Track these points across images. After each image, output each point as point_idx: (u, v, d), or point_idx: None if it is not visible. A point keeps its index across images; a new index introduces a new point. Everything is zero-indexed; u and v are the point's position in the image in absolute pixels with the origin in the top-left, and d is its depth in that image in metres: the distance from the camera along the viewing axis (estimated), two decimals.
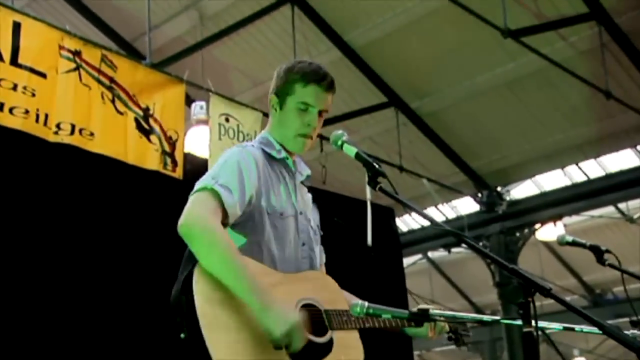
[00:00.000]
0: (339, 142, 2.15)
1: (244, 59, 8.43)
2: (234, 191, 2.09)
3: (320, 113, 2.32)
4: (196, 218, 2.00)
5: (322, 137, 7.03)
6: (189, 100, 6.93)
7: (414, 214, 10.65)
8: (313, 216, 2.40)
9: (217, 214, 2.05)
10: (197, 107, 6.87)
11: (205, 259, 1.98)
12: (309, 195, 2.41)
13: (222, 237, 2.00)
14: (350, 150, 2.13)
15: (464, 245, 2.07)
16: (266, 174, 2.22)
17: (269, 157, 2.28)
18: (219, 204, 2.05)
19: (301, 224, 2.30)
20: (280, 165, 2.30)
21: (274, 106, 2.31)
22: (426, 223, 10.51)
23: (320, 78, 2.28)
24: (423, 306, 2.01)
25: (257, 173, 2.19)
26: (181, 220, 2.00)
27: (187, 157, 5.74)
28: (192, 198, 2.06)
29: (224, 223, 2.09)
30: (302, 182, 2.38)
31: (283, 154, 2.30)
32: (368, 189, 1.96)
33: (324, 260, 2.45)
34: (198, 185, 2.10)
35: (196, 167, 5.81)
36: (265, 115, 6.33)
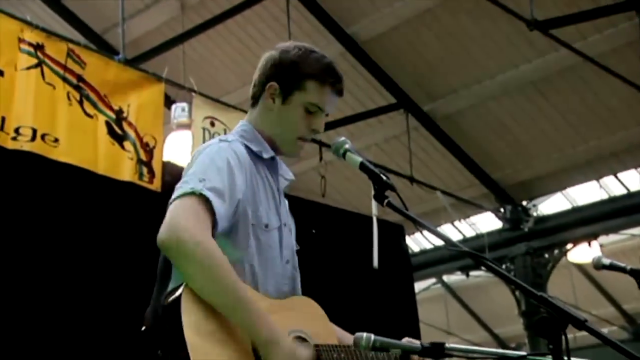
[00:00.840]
0: (342, 151, 2.16)
1: (232, 54, 8.46)
2: (224, 198, 2.04)
3: None
4: (184, 231, 1.93)
5: (321, 144, 7.05)
6: (168, 102, 6.97)
7: (426, 232, 10.56)
8: (292, 227, 2.38)
9: (208, 225, 1.98)
10: (178, 110, 6.90)
11: (198, 282, 1.93)
12: (286, 202, 2.38)
13: (219, 256, 1.95)
14: (354, 160, 2.13)
15: (484, 268, 2.06)
16: (252, 177, 2.19)
17: (254, 156, 2.24)
18: (209, 213, 1.99)
19: (285, 237, 2.27)
20: (265, 166, 2.27)
21: (272, 96, 2.26)
22: (441, 243, 10.31)
23: (337, 79, 2.28)
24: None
25: (244, 175, 2.15)
26: (164, 233, 1.94)
27: (166, 166, 5.76)
28: (176, 204, 1.99)
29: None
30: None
31: (270, 154, 2.27)
32: (374, 203, 1.99)
33: None
34: (182, 188, 2.02)
35: (176, 178, 5.79)
36: None
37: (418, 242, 11.47)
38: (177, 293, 1.95)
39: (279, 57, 2.27)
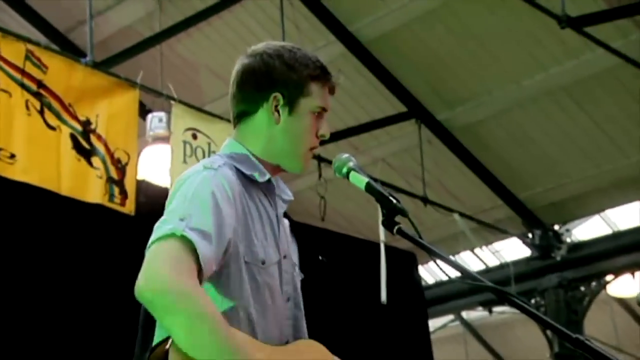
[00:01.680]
0: (345, 170, 2.20)
1: (217, 56, 8.47)
2: (211, 239, 2.03)
3: None
4: (165, 281, 1.92)
5: (319, 159, 7.05)
6: (143, 111, 6.99)
7: (442, 262, 10.48)
8: (293, 254, 2.40)
9: (194, 272, 1.97)
10: (155, 120, 6.92)
11: (185, 338, 1.92)
12: (286, 222, 2.40)
13: (207, 307, 1.94)
14: (360, 181, 2.16)
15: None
16: (244, 207, 2.19)
17: (246, 180, 2.25)
18: (194, 258, 1.98)
19: (286, 272, 2.28)
20: (260, 190, 2.28)
21: (277, 109, 2.28)
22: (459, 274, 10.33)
23: (331, 76, 2.35)
24: None
25: (235, 207, 2.15)
26: (142, 284, 1.93)
27: (141, 186, 5.81)
28: (153, 250, 1.98)
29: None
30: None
31: (267, 176, 2.28)
32: (382, 230, 1.99)
33: None
34: (160, 229, 2.00)
35: (153, 200, 5.81)
36: None
37: (433, 272, 11.44)
38: (163, 350, 1.96)
39: (271, 63, 2.30)
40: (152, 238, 2.00)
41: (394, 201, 2.10)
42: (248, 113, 2.30)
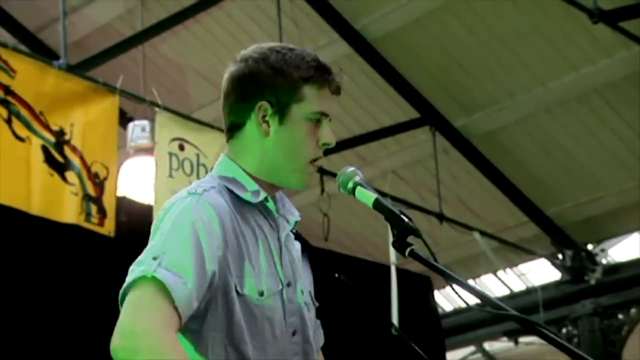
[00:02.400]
0: (350, 185, 2.22)
1: (207, 57, 8.50)
2: (188, 276, 2.06)
3: None
4: (137, 337, 1.97)
5: (322, 172, 7.04)
6: (124, 119, 6.99)
7: (460, 287, 10.42)
8: (305, 281, 2.40)
9: (171, 321, 2.02)
10: (137, 129, 6.90)
11: None
12: (297, 246, 2.41)
13: None
14: (367, 197, 2.19)
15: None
16: (237, 233, 2.21)
17: (240, 201, 2.26)
18: (169, 302, 2.02)
19: (290, 302, 2.28)
20: (256, 212, 2.29)
21: (264, 119, 2.29)
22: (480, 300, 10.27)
23: (332, 74, 2.33)
24: None
25: (223, 236, 2.17)
26: (115, 342, 1.97)
27: (122, 203, 5.87)
28: (127, 300, 2.03)
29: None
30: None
31: (262, 196, 2.28)
32: (393, 251, 2.00)
33: (321, 342, 2.47)
34: (132, 273, 2.05)
35: (135, 219, 5.84)
36: None
37: (452, 298, 11.41)
38: None
39: (256, 68, 2.30)
40: (125, 284, 2.05)
41: (406, 220, 2.12)
42: (238, 126, 2.32)
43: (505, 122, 8.78)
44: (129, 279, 2.04)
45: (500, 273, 10.57)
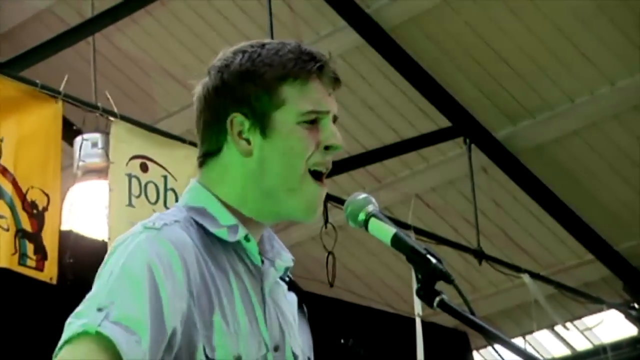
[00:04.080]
0: (362, 217, 2.23)
1: (176, 51, 8.51)
2: (142, 333, 2.06)
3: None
4: None
5: (325, 197, 7.00)
6: (70, 132, 6.96)
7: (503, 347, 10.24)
8: (303, 344, 2.41)
9: None
10: (87, 145, 6.81)
11: None
12: (292, 298, 2.43)
13: None
14: (383, 232, 2.20)
15: None
16: (205, 279, 2.22)
17: (210, 238, 2.28)
18: None
19: None
20: (232, 254, 2.31)
21: (241, 135, 2.32)
22: None
23: (317, 62, 2.33)
24: None
25: (187, 283, 2.18)
26: None
27: (68, 240, 5.90)
28: (62, 356, 2.04)
29: None
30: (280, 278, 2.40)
31: (240, 233, 2.30)
32: (418, 301, 2.06)
33: None
34: (71, 327, 2.06)
35: (85, 261, 5.76)
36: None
37: (494, 358, 11.43)
38: None
39: (219, 79, 2.34)
40: (61, 340, 2.04)
41: (434, 261, 2.10)
42: (211, 153, 2.36)
43: (560, 133, 8.80)
44: (65, 335, 2.04)
45: (558, 328, 10.49)
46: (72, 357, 2.01)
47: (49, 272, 5.57)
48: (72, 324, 2.04)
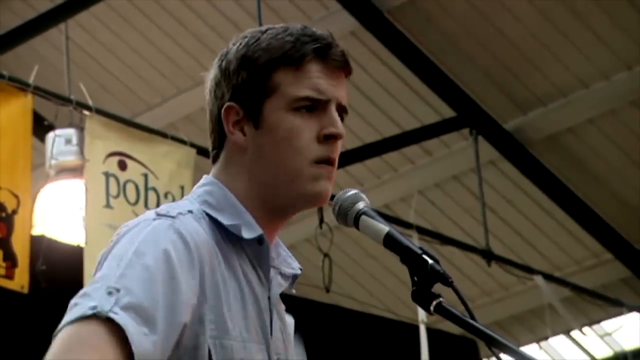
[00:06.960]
0: (352, 214, 2.26)
1: (156, 39, 8.51)
2: (155, 321, 2.08)
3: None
4: None
5: None
6: (41, 128, 6.99)
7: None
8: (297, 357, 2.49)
9: None
10: (60, 142, 6.88)
11: None
12: (289, 320, 2.47)
13: None
14: (375, 231, 2.21)
15: None
16: (216, 278, 2.25)
17: (225, 236, 2.31)
18: (124, 352, 2.02)
19: None
20: (244, 257, 2.34)
21: (236, 126, 2.38)
22: None
23: (318, 42, 2.36)
24: None
25: (200, 278, 2.20)
26: None
27: (40, 245, 5.84)
28: (63, 338, 2.02)
29: None
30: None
31: (256, 231, 2.33)
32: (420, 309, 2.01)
33: None
34: (78, 307, 2.05)
35: (59, 268, 5.84)
36: (202, 152, 6.30)
37: None
38: None
39: (219, 69, 2.42)
40: (64, 321, 2.03)
41: (430, 261, 2.12)
42: (217, 147, 2.43)
43: (574, 122, 8.87)
44: (71, 314, 2.03)
45: (574, 333, 10.51)
46: (77, 338, 2.01)
47: (20, 281, 5.60)
48: (80, 305, 2.04)
